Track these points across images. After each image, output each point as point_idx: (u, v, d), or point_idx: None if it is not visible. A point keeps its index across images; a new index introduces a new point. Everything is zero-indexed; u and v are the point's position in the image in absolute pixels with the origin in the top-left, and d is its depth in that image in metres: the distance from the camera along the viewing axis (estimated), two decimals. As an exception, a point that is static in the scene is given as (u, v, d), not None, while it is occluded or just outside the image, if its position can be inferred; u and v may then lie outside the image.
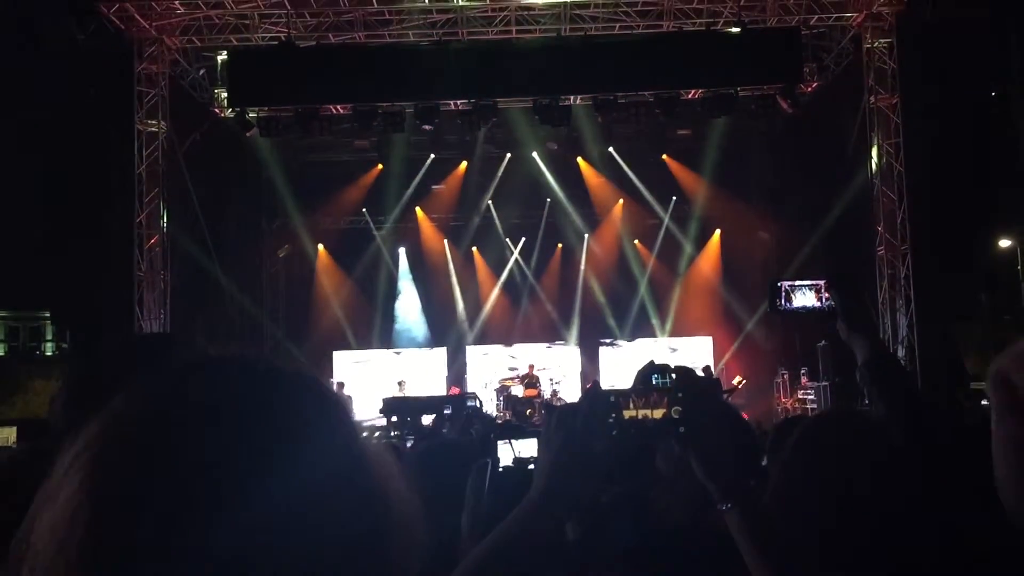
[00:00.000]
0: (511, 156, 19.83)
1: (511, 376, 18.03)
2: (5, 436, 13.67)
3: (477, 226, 20.78)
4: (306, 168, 19.72)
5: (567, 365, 19.73)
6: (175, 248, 15.90)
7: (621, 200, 20.51)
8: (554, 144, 19.37)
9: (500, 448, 2.00)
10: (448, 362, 20.06)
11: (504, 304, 21.08)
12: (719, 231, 20.64)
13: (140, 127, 15.53)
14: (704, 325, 19.91)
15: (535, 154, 19.70)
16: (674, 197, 20.26)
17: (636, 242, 20.93)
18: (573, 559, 1.53)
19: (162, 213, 15.67)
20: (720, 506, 1.33)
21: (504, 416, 16.60)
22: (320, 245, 20.72)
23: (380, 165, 19.75)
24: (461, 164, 20.09)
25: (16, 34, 14.48)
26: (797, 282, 2.08)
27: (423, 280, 21.18)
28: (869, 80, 15.48)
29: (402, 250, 21.13)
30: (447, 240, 21.03)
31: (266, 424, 0.68)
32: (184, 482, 0.63)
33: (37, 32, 14.76)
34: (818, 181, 17.25)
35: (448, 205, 20.72)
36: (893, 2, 14.95)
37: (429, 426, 13.41)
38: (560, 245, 21.03)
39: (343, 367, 19.47)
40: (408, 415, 14.94)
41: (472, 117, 16.26)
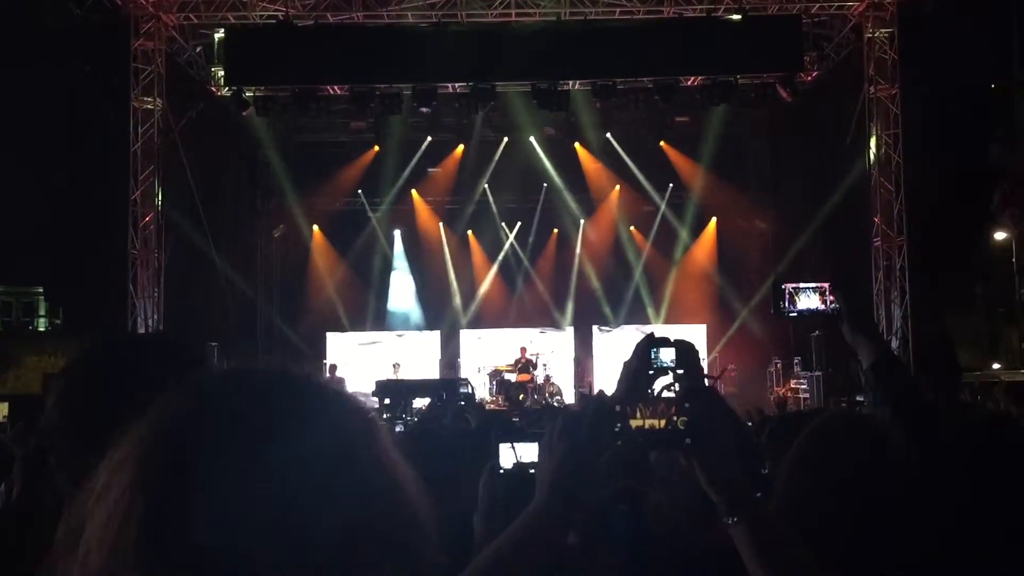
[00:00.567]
0: (508, 140, 19.75)
1: (505, 361, 17.99)
2: (-2, 412, 13.63)
3: (473, 210, 20.73)
4: (302, 148, 19.62)
5: (560, 350, 19.72)
6: (169, 227, 15.82)
7: (618, 186, 20.46)
8: (552, 129, 19.28)
9: (501, 450, 1.97)
10: (441, 345, 20.05)
11: (498, 288, 21.05)
12: (715, 219, 20.61)
13: (136, 104, 15.42)
14: (698, 313, 19.90)
15: (532, 138, 19.61)
16: (671, 184, 20.22)
17: (632, 228, 20.90)
18: (574, 564, 1.50)
19: (157, 191, 15.59)
20: (726, 519, 1.31)
21: (497, 401, 16.63)
22: (315, 226, 20.64)
23: (376, 147, 19.64)
24: (458, 147, 20.00)
25: (11, 8, 14.32)
26: (801, 284, 2.06)
27: (418, 263, 21.13)
28: (869, 70, 15.44)
29: (397, 233, 21.06)
30: (442, 223, 20.97)
31: (300, 430, 0.74)
32: (227, 481, 0.69)
33: (32, 6, 14.60)
34: (816, 171, 17.24)
35: (444, 188, 20.64)
36: (895, -8, 14.93)
37: (423, 411, 13.41)
38: (556, 230, 20.99)
39: (341, 348, 19.45)
40: (401, 398, 14.94)
41: (470, 100, 16.19)
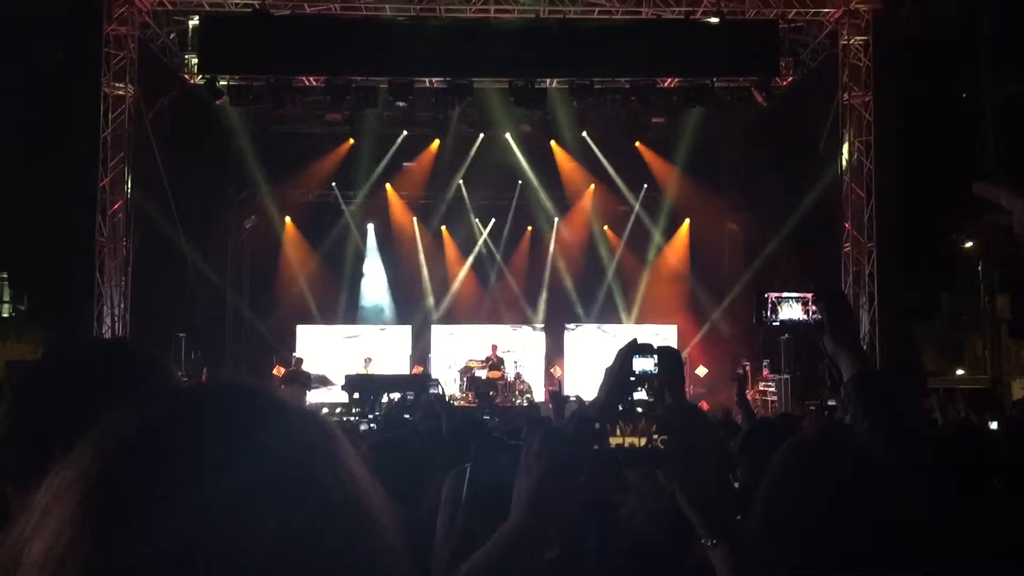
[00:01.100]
0: (484, 136, 19.71)
1: (475, 358, 17.97)
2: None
3: (447, 205, 20.67)
4: (276, 139, 19.44)
5: (532, 348, 19.73)
6: (138, 215, 15.61)
7: (592, 185, 20.49)
8: (528, 126, 19.27)
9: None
10: (413, 341, 19.99)
11: (471, 284, 21.02)
12: (688, 220, 20.71)
13: (107, 90, 15.19)
14: (669, 313, 19.98)
15: (508, 135, 19.59)
16: (645, 185, 20.29)
17: (606, 228, 20.94)
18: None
19: (126, 179, 15.37)
20: (705, 541, 1.30)
21: (467, 397, 16.61)
22: (287, 218, 20.49)
23: (351, 140, 19.53)
24: (434, 142, 19.93)
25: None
26: (784, 294, 2.04)
27: (391, 257, 21.04)
28: (843, 77, 15.58)
29: (370, 226, 20.95)
30: (416, 218, 20.90)
31: (255, 452, 0.71)
32: (179, 502, 0.66)
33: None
34: (789, 175, 17.36)
35: (419, 183, 20.56)
36: (870, 0, 15.04)
37: (390, 406, 13.38)
38: (530, 228, 20.99)
39: (312, 341, 19.32)
40: (371, 393, 14.90)
41: (447, 95, 16.14)
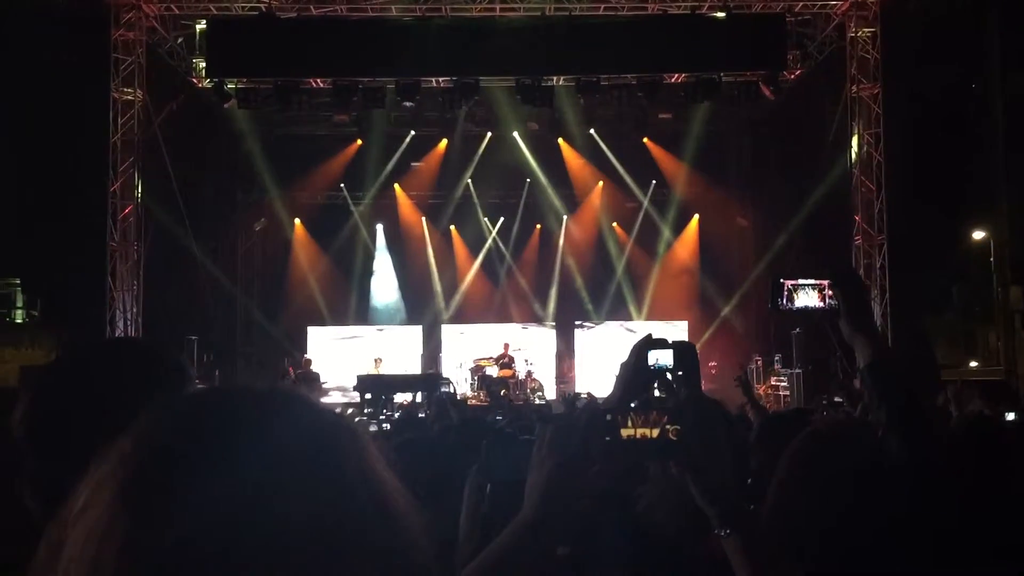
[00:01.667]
0: (492, 135, 19.71)
1: (486, 356, 17.98)
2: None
3: (456, 205, 20.67)
4: (284, 142, 19.49)
5: (542, 346, 19.73)
6: (149, 219, 15.68)
7: (601, 182, 20.47)
8: (535, 124, 19.26)
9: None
10: (423, 340, 20.01)
11: (481, 283, 21.02)
12: (697, 216, 20.67)
13: (116, 95, 15.26)
14: (680, 309, 19.96)
15: (516, 134, 19.58)
16: (654, 181, 20.26)
17: (615, 225, 20.92)
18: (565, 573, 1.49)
19: (136, 183, 15.45)
20: (719, 532, 1.30)
21: (479, 396, 16.61)
22: (297, 220, 20.53)
23: (359, 141, 19.56)
24: (441, 142, 19.94)
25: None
26: (800, 281, 2.01)
27: (400, 257, 21.07)
28: (852, 69, 15.50)
29: (379, 227, 20.98)
30: (425, 218, 20.92)
31: (286, 448, 0.75)
32: (211, 500, 0.70)
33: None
34: (798, 169, 17.31)
35: (427, 183, 20.58)
36: (878, -8, 15.00)
37: (405, 406, 13.40)
38: (539, 226, 20.98)
39: (322, 342, 19.38)
40: (382, 393, 14.91)
41: (453, 95, 16.14)
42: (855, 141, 15.68)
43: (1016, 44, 16.56)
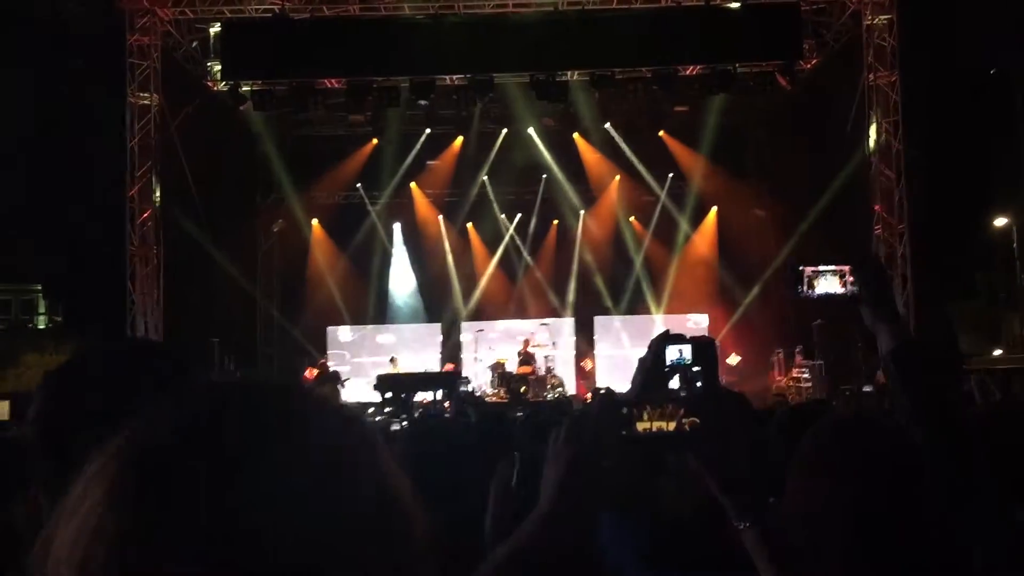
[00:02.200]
0: (507, 132, 19.69)
1: (506, 354, 17.95)
2: (-2, 411, 13.62)
3: (472, 202, 20.68)
4: (300, 143, 19.56)
5: (562, 342, 19.69)
6: (168, 223, 15.77)
7: (617, 177, 20.40)
8: (550, 120, 19.22)
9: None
10: (443, 338, 20.04)
11: (499, 280, 21.02)
12: (715, 208, 20.56)
13: (132, 100, 15.36)
14: (699, 302, 19.87)
15: (531, 130, 19.55)
16: (671, 174, 20.17)
17: (632, 219, 20.85)
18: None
19: (155, 187, 15.54)
20: (738, 524, 1.28)
21: (499, 393, 16.61)
22: (314, 220, 20.60)
23: (375, 140, 19.60)
24: (457, 139, 19.94)
25: (4, 4, 14.26)
26: (820, 267, 1.98)
27: (418, 256, 21.10)
28: (868, 57, 15.36)
29: (397, 226, 21.02)
30: (442, 216, 20.93)
31: (286, 446, 0.71)
32: (203, 500, 0.67)
33: (27, 2, 14.55)
34: (816, 159, 17.16)
35: (443, 181, 20.59)
36: (894, -22, 14.85)
37: (425, 405, 13.44)
38: (556, 221, 20.94)
39: (342, 342, 19.45)
40: (402, 392, 14.94)
41: (468, 92, 16.13)
42: (873, 130, 15.54)
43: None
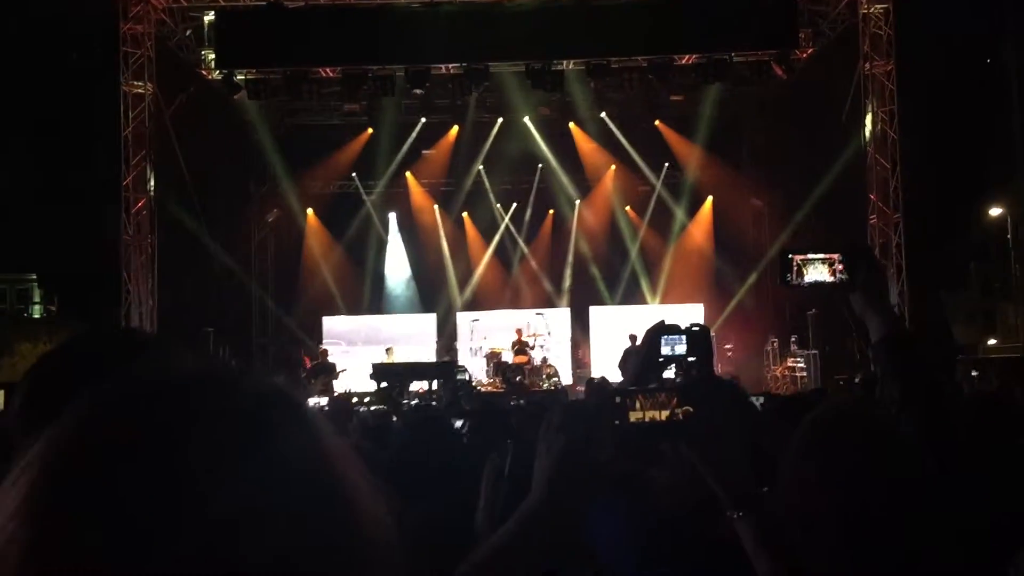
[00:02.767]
0: (503, 121, 19.65)
1: (501, 343, 17.95)
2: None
3: (468, 191, 20.65)
4: (295, 132, 19.51)
5: (557, 331, 19.69)
6: (162, 212, 15.72)
7: (613, 166, 20.39)
8: (546, 109, 19.18)
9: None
10: (438, 328, 20.02)
11: (494, 270, 21.01)
12: (711, 198, 20.57)
13: (126, 88, 15.29)
14: (695, 292, 19.88)
15: (527, 119, 19.52)
16: (666, 163, 20.17)
17: (628, 208, 20.85)
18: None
19: (149, 176, 15.49)
20: (730, 513, 1.28)
21: (495, 383, 16.61)
22: (309, 210, 20.56)
23: (370, 129, 19.56)
24: (452, 129, 19.90)
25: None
26: (810, 255, 1.97)
27: (413, 245, 21.08)
28: (864, 46, 15.34)
29: (392, 215, 21.00)
30: (437, 205, 20.90)
31: (220, 447, 0.64)
32: (126, 503, 0.60)
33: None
34: (812, 148, 17.16)
35: (439, 170, 20.56)
36: (890, -33, 14.81)
37: (421, 394, 13.44)
38: (551, 211, 20.94)
39: (337, 332, 19.41)
40: (398, 381, 14.92)
41: (463, 81, 16.08)
42: (869, 119, 15.53)
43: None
